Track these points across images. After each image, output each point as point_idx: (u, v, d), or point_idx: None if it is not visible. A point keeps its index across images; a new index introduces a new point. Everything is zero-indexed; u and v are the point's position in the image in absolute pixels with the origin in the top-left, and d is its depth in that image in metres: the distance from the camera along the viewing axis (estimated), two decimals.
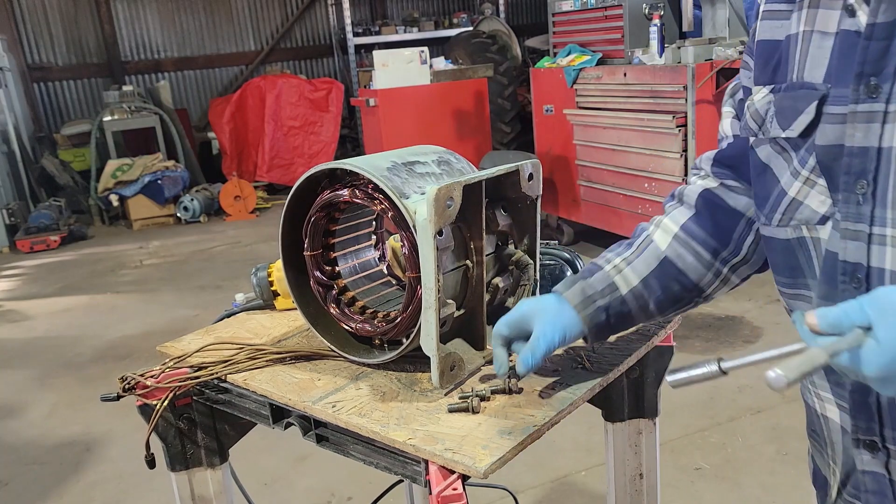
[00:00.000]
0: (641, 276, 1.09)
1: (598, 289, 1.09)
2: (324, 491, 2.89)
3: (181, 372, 1.32)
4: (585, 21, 5.35)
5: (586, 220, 5.51)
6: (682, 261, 1.08)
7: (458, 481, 0.96)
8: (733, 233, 1.07)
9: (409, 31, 10.54)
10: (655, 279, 1.09)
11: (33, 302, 5.70)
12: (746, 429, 3.07)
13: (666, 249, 1.09)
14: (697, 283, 1.09)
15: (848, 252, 0.82)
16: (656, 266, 1.09)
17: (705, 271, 1.08)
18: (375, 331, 1.27)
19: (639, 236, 1.13)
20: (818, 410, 0.95)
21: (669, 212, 1.13)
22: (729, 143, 1.07)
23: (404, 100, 6.18)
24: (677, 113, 4.43)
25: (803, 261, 0.91)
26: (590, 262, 1.15)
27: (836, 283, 0.84)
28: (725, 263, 1.09)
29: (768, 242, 0.96)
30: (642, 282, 1.09)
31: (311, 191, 1.28)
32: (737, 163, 1.05)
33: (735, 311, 4.17)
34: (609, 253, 1.14)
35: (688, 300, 1.12)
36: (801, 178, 0.88)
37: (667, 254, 1.09)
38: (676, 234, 1.09)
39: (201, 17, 10.32)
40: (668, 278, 1.09)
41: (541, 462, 2.90)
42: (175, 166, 8.12)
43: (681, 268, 1.08)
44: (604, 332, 1.12)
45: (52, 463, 3.27)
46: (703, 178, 1.11)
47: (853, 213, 0.82)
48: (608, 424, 1.47)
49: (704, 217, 1.08)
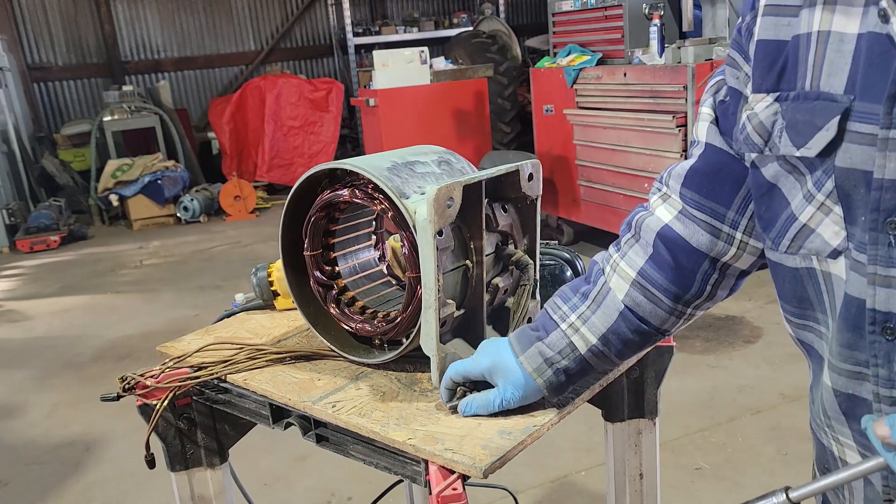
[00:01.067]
0: (599, 333, 1.03)
1: (556, 350, 1.04)
2: (324, 491, 2.89)
3: (181, 372, 1.32)
4: (585, 21, 5.35)
5: (586, 220, 5.52)
6: (641, 309, 1.01)
7: (458, 481, 0.96)
8: (696, 274, 0.99)
9: (409, 31, 10.54)
10: (614, 334, 1.03)
11: (33, 302, 5.70)
12: (746, 429, 3.07)
13: (624, 299, 1.02)
14: (659, 328, 1.04)
15: (879, 300, 0.72)
16: (616, 320, 1.02)
17: (667, 316, 1.02)
18: (375, 331, 1.27)
19: (596, 283, 1.05)
20: (835, 453, 0.85)
21: (625, 251, 1.04)
22: (701, 155, 0.97)
23: (404, 100, 6.19)
24: (677, 113, 4.43)
25: (812, 293, 0.83)
26: (543, 312, 1.09)
27: (862, 333, 0.75)
28: (688, 305, 1.02)
29: (774, 268, 0.87)
30: (601, 339, 1.03)
31: (311, 191, 1.28)
32: (709, 183, 0.96)
33: (735, 311, 4.17)
34: (564, 305, 1.06)
35: (650, 342, 1.08)
36: (816, 203, 0.77)
37: (625, 303, 1.02)
38: (634, 280, 1.01)
39: (201, 17, 10.32)
40: (629, 330, 1.03)
41: (541, 462, 2.90)
42: (175, 166, 8.12)
43: (641, 316, 1.02)
44: (563, 388, 1.08)
45: (52, 463, 3.27)
46: (665, 200, 1.02)
47: (883, 256, 0.71)
48: (608, 424, 1.47)
49: (663, 259, 0.99)
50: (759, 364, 3.59)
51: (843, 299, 0.77)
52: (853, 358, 0.77)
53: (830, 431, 0.84)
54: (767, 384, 3.40)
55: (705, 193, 0.96)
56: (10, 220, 7.49)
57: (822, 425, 0.85)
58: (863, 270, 0.73)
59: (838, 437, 0.83)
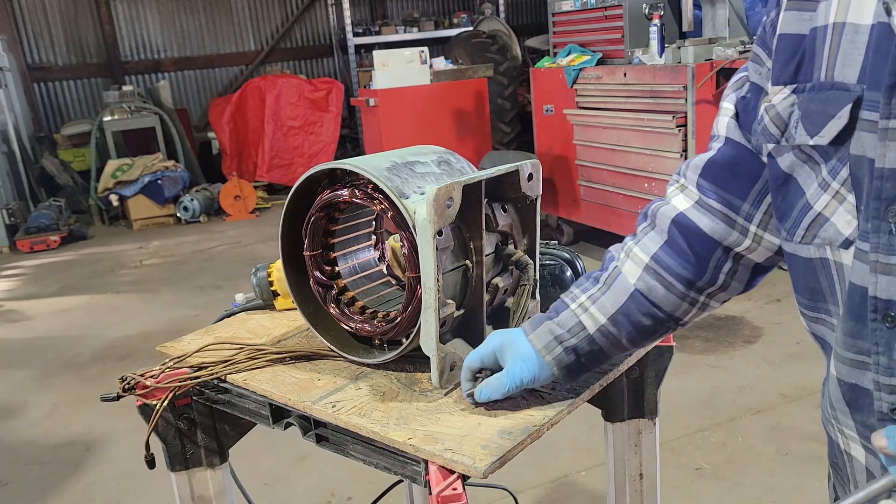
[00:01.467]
0: (609, 313, 1.04)
1: (565, 328, 1.06)
2: (324, 491, 2.89)
3: (181, 372, 1.32)
4: (585, 21, 5.35)
5: (586, 220, 5.51)
6: (653, 294, 1.02)
7: (457, 481, 0.96)
8: (709, 261, 1.00)
9: (409, 31, 10.54)
10: (624, 315, 1.04)
11: (33, 302, 5.70)
12: (746, 429, 3.07)
13: (636, 283, 1.03)
14: (672, 314, 1.04)
15: (880, 288, 0.73)
16: (625, 301, 1.03)
17: (680, 302, 1.03)
18: (375, 331, 1.27)
19: (607, 268, 1.07)
20: (841, 446, 0.86)
21: (640, 238, 1.06)
22: (720, 149, 0.99)
23: (404, 100, 6.19)
24: (677, 113, 4.43)
25: (825, 284, 0.83)
26: (558, 300, 1.11)
27: (865, 321, 0.76)
28: (701, 292, 1.03)
29: (790, 259, 0.88)
30: (610, 319, 1.04)
31: (311, 191, 1.28)
32: (727, 175, 0.97)
33: (735, 311, 4.17)
34: (576, 289, 1.09)
35: (664, 330, 1.07)
36: (831, 192, 0.79)
37: (636, 287, 1.03)
38: (647, 264, 1.02)
39: (201, 17, 10.32)
40: (639, 313, 1.03)
41: (541, 462, 2.90)
42: (175, 166, 8.12)
43: (652, 300, 1.03)
44: (575, 372, 1.09)
45: (52, 463, 3.27)
46: (683, 191, 1.03)
47: (885, 244, 0.72)
48: (608, 424, 1.47)
49: (677, 245, 1.01)
50: (759, 364, 3.59)
51: (847, 288, 0.78)
52: (856, 346, 0.78)
53: (836, 424, 0.85)
54: (767, 384, 3.40)
55: (722, 185, 0.97)
56: (10, 220, 7.50)
57: (829, 417, 0.86)
58: (866, 259, 0.74)
59: (843, 430, 0.84)
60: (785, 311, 4.10)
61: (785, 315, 4.06)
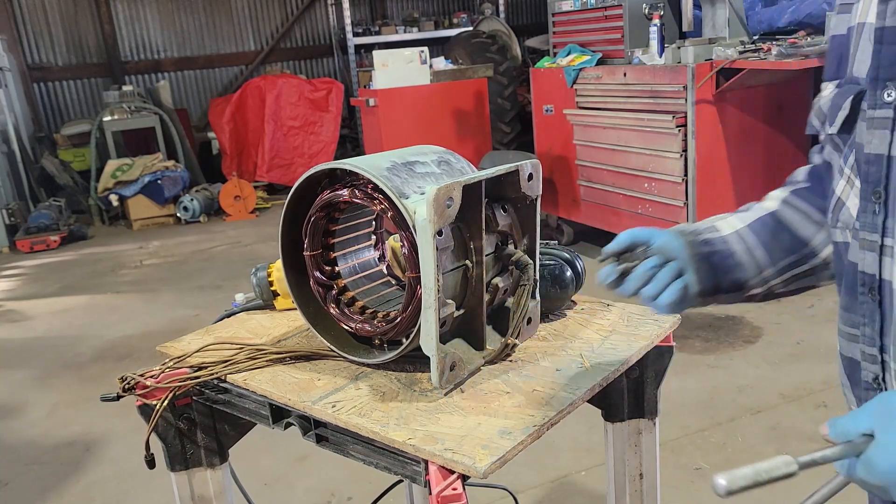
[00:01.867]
0: (746, 221, 1.04)
1: (702, 227, 1.04)
2: (324, 491, 2.89)
3: (181, 372, 1.32)
4: (585, 21, 5.34)
5: (586, 220, 5.51)
6: (790, 218, 1.03)
7: (457, 481, 0.96)
8: None
9: (409, 31, 10.54)
10: (762, 225, 1.03)
11: (33, 302, 5.70)
12: (746, 429, 3.07)
13: (774, 208, 1.04)
14: (809, 241, 1.01)
15: (866, 263, 0.81)
16: (764, 215, 1.04)
17: (816, 229, 1.01)
18: (375, 331, 1.27)
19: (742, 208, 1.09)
20: None
21: (783, 186, 1.09)
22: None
23: (404, 100, 6.19)
24: (677, 113, 4.43)
25: (839, 268, 0.89)
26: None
27: (855, 295, 0.83)
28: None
29: (834, 248, 0.93)
30: (748, 226, 1.03)
31: (311, 191, 1.28)
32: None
33: (735, 311, 4.16)
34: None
35: (801, 258, 1.02)
36: (845, 177, 0.86)
37: (775, 210, 1.04)
38: (785, 198, 1.05)
39: (201, 17, 10.32)
40: (777, 229, 1.02)
41: (541, 462, 2.90)
42: (175, 166, 8.12)
43: (789, 223, 1.02)
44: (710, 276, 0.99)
45: (52, 463, 3.27)
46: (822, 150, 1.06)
47: (869, 223, 0.80)
48: (608, 424, 1.47)
49: (814, 187, 1.04)
50: (759, 364, 3.59)
51: (846, 265, 0.85)
52: (851, 320, 0.85)
53: (846, 399, 0.91)
54: (767, 384, 3.40)
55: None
56: (10, 220, 7.50)
57: (843, 394, 0.92)
58: (858, 237, 0.82)
59: (849, 406, 0.90)
60: (785, 311, 4.10)
61: (785, 315, 4.06)
